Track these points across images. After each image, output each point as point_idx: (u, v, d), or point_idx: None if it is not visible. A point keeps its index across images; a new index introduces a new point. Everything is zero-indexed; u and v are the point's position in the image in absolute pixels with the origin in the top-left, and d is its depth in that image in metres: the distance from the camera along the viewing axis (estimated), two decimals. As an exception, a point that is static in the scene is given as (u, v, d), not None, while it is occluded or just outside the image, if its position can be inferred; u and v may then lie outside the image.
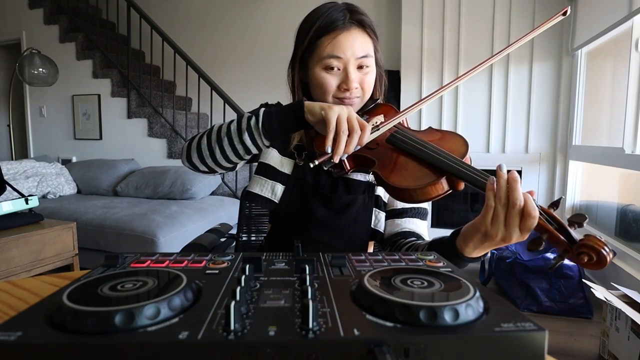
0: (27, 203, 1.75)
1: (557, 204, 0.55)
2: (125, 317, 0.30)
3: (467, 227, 0.62)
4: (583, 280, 1.88)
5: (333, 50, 0.75)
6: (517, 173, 0.55)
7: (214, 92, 3.15)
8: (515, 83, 2.76)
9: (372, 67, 0.80)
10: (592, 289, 1.51)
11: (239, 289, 0.32)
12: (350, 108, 0.66)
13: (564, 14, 0.72)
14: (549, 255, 2.04)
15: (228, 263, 0.46)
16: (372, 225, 0.83)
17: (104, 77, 3.65)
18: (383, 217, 0.84)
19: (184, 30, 3.95)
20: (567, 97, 2.69)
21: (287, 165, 0.86)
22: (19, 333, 0.29)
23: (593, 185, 2.62)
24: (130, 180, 3.14)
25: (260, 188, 0.85)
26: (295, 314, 0.32)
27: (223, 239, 1.09)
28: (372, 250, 0.87)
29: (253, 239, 0.88)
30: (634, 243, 2.03)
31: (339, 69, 0.77)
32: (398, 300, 0.32)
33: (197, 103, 3.52)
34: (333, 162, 0.64)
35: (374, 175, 0.69)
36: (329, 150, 0.62)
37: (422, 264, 0.46)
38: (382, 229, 0.83)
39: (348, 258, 0.48)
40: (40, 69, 3.35)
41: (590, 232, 2.43)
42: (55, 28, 3.84)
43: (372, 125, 0.68)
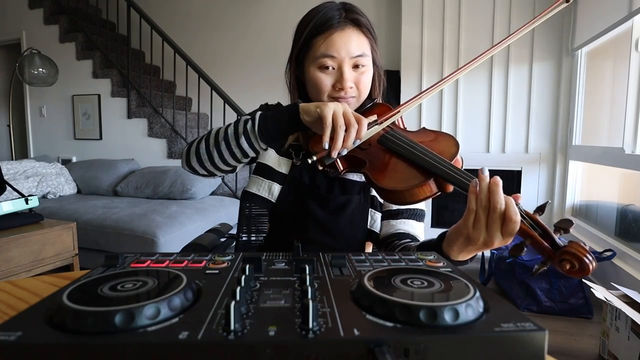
0: (27, 203, 1.75)
1: (542, 209, 0.53)
2: (125, 317, 0.30)
3: (451, 230, 0.62)
4: (583, 280, 1.87)
5: (327, 50, 0.75)
6: (499, 177, 0.53)
7: (214, 92, 3.15)
8: (515, 83, 2.76)
9: (368, 66, 0.79)
10: (592, 289, 1.51)
11: (239, 289, 0.32)
12: (346, 104, 0.66)
13: (567, 1, 0.71)
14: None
15: (228, 263, 0.46)
16: (368, 226, 0.82)
17: (104, 77, 3.65)
18: (379, 217, 0.83)
19: (184, 30, 3.94)
20: (567, 97, 2.68)
21: (284, 165, 0.86)
22: (19, 333, 0.29)
23: (593, 185, 2.62)
24: (130, 180, 3.14)
25: (258, 188, 0.85)
26: (295, 314, 0.32)
27: (223, 239, 1.09)
28: (370, 251, 0.86)
29: (253, 239, 0.88)
30: (634, 243, 2.03)
31: (334, 68, 0.77)
32: (398, 300, 0.32)
33: (197, 103, 3.52)
34: (332, 158, 0.63)
35: (365, 176, 0.69)
36: (326, 147, 0.62)
37: (422, 264, 0.46)
38: (378, 230, 0.83)
39: (348, 258, 0.48)
40: (40, 69, 3.35)
41: (590, 232, 2.42)
42: (55, 28, 3.83)
43: (369, 121, 0.67)
